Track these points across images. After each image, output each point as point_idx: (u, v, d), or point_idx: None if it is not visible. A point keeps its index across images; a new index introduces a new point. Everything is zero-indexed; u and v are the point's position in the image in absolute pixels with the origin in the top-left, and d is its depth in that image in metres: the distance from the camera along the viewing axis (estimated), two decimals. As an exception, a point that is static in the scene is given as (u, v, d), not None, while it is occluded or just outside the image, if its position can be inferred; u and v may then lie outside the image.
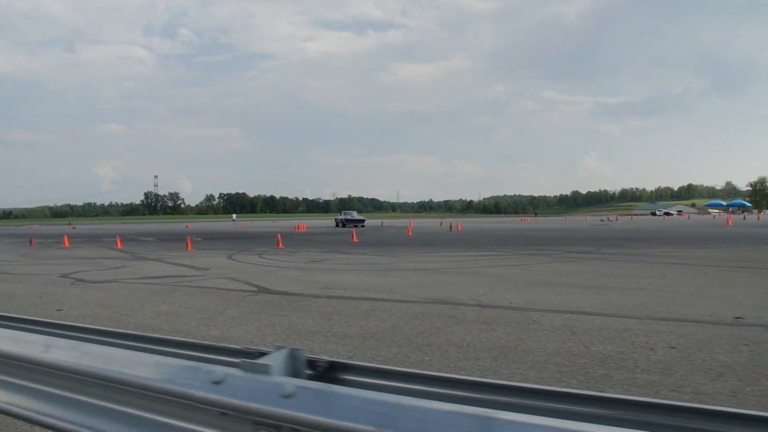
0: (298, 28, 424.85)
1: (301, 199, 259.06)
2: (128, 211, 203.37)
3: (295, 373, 1.30)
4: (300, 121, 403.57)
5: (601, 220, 58.97)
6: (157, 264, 12.64)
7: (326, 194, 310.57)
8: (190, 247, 17.41)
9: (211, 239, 25.37)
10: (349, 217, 41.05)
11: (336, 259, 13.42)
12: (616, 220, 62.26)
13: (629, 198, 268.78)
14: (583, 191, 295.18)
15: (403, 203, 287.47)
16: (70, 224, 66.83)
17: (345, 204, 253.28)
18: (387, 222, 61.56)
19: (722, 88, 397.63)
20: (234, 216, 79.89)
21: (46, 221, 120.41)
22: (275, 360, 1.26)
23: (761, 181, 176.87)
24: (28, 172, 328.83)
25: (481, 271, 10.24)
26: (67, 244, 20.84)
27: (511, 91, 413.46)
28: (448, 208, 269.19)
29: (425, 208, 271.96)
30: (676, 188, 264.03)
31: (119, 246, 19.44)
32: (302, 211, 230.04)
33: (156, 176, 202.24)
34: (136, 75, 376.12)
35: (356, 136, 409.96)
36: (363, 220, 41.61)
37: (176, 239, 25.65)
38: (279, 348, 1.31)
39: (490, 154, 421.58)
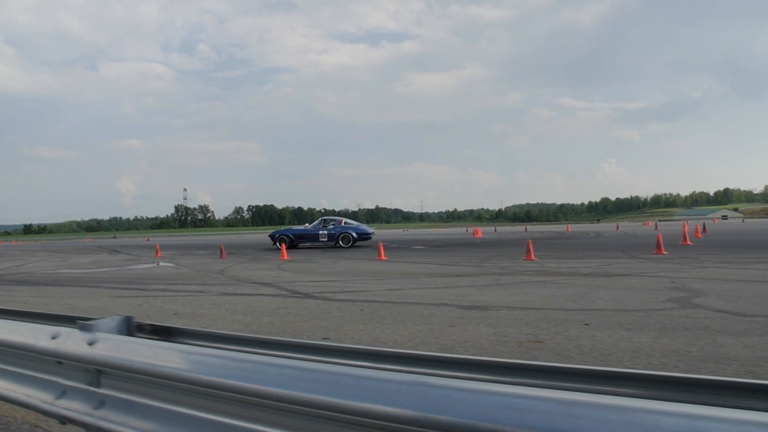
0: (313, 42, 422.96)
1: (329, 209, 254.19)
2: (158, 224, 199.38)
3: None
4: (316, 133, 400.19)
5: None
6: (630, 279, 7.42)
7: (343, 204, 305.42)
8: (533, 257, 12.17)
9: (441, 246, 20.17)
10: (343, 230, 20.80)
11: None
12: None
13: (663, 204, 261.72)
14: (606, 198, 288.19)
15: (424, 213, 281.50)
16: (145, 237, 62.25)
17: (373, 215, 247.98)
18: (443, 231, 56.10)
19: (743, 90, 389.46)
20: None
21: (93, 235, 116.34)
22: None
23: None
24: (52, 188, 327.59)
25: None
26: (285, 256, 15.73)
27: (526, 98, 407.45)
28: (476, 216, 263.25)
29: (453, 217, 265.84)
30: (711, 193, 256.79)
31: (383, 257, 14.25)
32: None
33: (185, 189, 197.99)
34: (156, 91, 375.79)
35: (372, 146, 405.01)
36: (372, 232, 22.54)
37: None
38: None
39: (506, 163, 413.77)
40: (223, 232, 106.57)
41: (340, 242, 20.67)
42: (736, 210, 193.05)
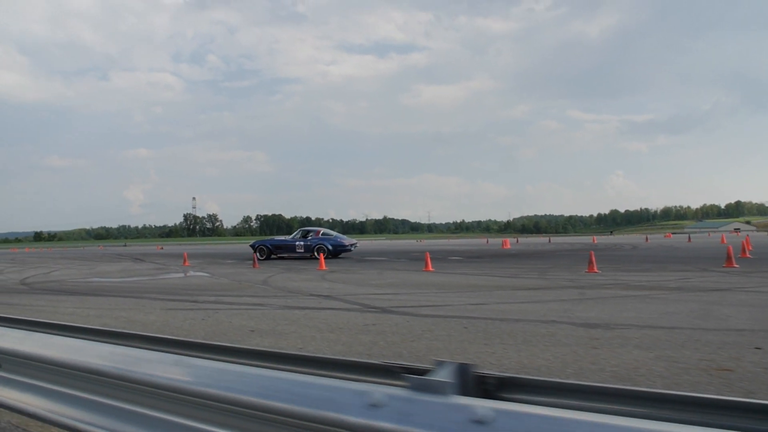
0: (322, 53, 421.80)
1: (337, 220, 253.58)
2: (167, 233, 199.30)
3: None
4: (323, 144, 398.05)
5: None
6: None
7: (350, 215, 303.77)
8: (595, 269, 11.43)
9: (478, 257, 19.45)
10: (319, 241, 19.97)
11: None
12: None
13: (673, 216, 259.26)
14: (615, 210, 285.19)
15: (432, 224, 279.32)
16: (158, 246, 61.65)
17: (381, 225, 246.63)
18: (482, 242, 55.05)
19: (753, 103, 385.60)
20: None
21: (102, 243, 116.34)
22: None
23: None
24: (62, 196, 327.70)
25: None
26: (323, 266, 15.03)
27: (534, 110, 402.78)
28: (485, 228, 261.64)
29: (461, 228, 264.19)
30: (723, 205, 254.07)
31: (431, 267, 13.55)
32: (339, 233, 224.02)
33: (194, 198, 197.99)
34: (165, 100, 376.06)
35: (379, 157, 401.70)
36: (352, 244, 21.20)
37: (417, 258, 19.79)
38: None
39: (514, 174, 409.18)
40: (233, 242, 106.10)
41: (315, 254, 19.76)
42: (748, 223, 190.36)
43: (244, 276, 13.00)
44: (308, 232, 20.96)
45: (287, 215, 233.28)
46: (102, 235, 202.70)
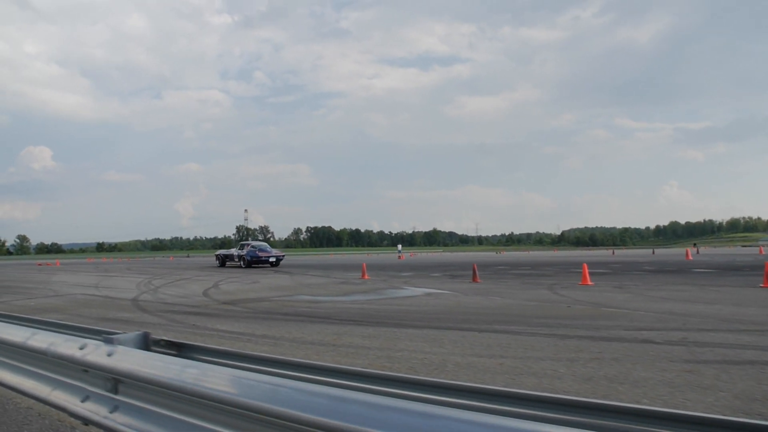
0: (364, 67, 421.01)
1: (386, 233, 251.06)
2: (219, 244, 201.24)
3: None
4: (365, 156, 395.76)
5: None
6: None
7: (395, 227, 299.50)
8: None
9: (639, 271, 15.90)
10: (245, 253, 24.17)
11: None
12: None
13: (741, 228, 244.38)
14: (675, 221, 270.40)
15: (480, 236, 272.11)
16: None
17: (430, 238, 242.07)
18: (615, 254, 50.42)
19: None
20: (400, 247, 70.97)
21: (161, 254, 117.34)
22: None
23: None
24: (118, 209, 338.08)
25: None
26: (588, 280, 11.83)
27: (581, 119, 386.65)
28: (537, 240, 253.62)
29: (512, 240, 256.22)
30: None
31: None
32: (387, 245, 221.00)
33: (246, 210, 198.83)
34: (214, 117, 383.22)
35: (422, 169, 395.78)
36: (272, 256, 24.71)
37: (574, 271, 16.41)
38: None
39: (561, 185, 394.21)
40: (289, 252, 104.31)
41: (242, 263, 23.83)
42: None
43: (490, 292, 9.99)
44: (244, 245, 24.98)
45: (336, 227, 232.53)
46: (157, 246, 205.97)
